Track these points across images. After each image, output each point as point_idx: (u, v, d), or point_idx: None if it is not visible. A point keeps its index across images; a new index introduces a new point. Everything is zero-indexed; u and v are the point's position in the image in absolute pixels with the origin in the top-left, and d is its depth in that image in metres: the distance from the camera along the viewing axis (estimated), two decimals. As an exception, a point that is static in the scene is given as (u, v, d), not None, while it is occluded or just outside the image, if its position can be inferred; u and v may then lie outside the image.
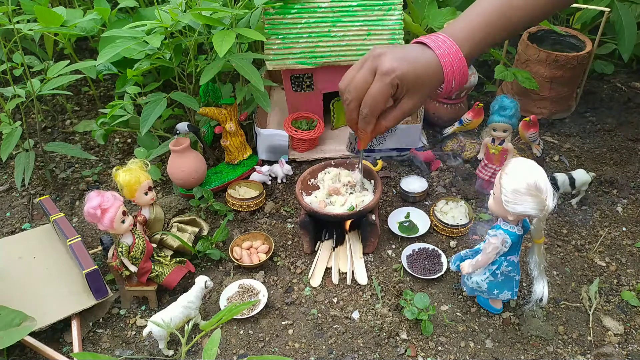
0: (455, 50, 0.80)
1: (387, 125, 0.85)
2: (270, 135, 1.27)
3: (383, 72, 0.78)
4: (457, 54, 0.80)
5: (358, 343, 0.91)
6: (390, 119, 0.84)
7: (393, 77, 0.77)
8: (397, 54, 0.79)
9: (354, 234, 1.11)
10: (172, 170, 1.17)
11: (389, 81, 0.78)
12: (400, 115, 0.83)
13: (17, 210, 1.24)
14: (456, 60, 0.79)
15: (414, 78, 0.78)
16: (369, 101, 0.80)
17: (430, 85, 0.81)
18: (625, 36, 1.46)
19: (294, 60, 1.21)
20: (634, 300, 0.97)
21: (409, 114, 0.84)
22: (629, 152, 1.35)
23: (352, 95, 0.81)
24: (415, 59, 0.79)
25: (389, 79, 0.77)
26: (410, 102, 0.81)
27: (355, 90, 0.81)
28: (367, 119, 0.82)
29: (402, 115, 0.83)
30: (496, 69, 1.37)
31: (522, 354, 0.89)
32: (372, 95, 0.79)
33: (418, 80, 0.79)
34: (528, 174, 0.76)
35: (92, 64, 1.27)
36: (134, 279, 0.98)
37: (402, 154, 1.33)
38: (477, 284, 0.90)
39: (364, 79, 0.80)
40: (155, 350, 0.92)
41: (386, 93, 0.79)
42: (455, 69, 0.80)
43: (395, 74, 0.77)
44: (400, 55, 0.79)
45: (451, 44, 0.80)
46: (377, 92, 0.79)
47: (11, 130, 1.18)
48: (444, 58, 0.79)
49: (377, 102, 0.80)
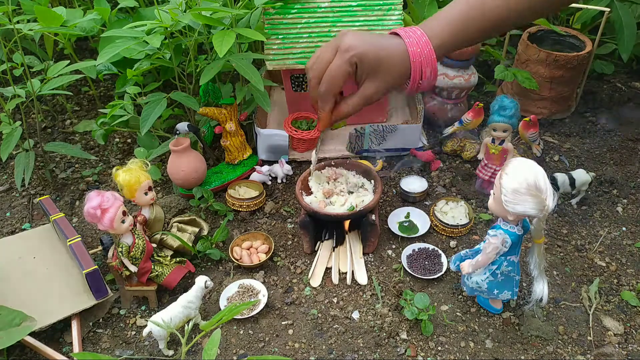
0: (425, 41, 0.79)
1: (347, 110, 0.84)
2: (270, 135, 1.27)
3: (343, 49, 0.78)
4: (427, 45, 0.78)
5: (358, 343, 0.91)
6: (350, 103, 0.83)
7: (352, 54, 0.77)
8: (361, 35, 0.79)
9: (354, 234, 1.11)
10: (172, 170, 1.17)
11: (347, 58, 0.77)
12: (362, 101, 0.82)
13: (17, 210, 1.24)
14: (425, 52, 0.78)
15: (374, 60, 0.78)
16: (326, 78, 0.80)
17: (394, 72, 0.80)
18: (625, 36, 1.46)
19: (294, 60, 1.21)
20: (634, 300, 0.97)
21: (371, 100, 0.82)
22: (629, 152, 1.35)
23: (313, 73, 0.81)
24: (379, 41, 0.79)
25: (347, 56, 0.77)
26: (372, 86, 0.80)
27: (316, 68, 0.81)
28: (324, 97, 0.81)
29: (364, 100, 0.82)
30: (496, 69, 1.37)
31: (522, 354, 0.89)
32: (329, 72, 0.79)
33: (380, 63, 0.78)
34: (528, 174, 0.76)
35: (92, 64, 1.27)
36: (134, 279, 0.98)
37: (402, 154, 1.33)
38: (477, 284, 0.90)
39: (325, 57, 0.80)
40: (155, 350, 0.92)
41: (343, 70, 0.78)
42: (424, 60, 0.78)
43: (355, 51, 0.77)
44: (363, 37, 0.79)
45: (421, 35, 0.79)
46: (334, 68, 0.78)
47: (11, 130, 1.17)
48: (412, 47, 0.78)
49: (333, 79, 0.79)
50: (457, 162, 1.32)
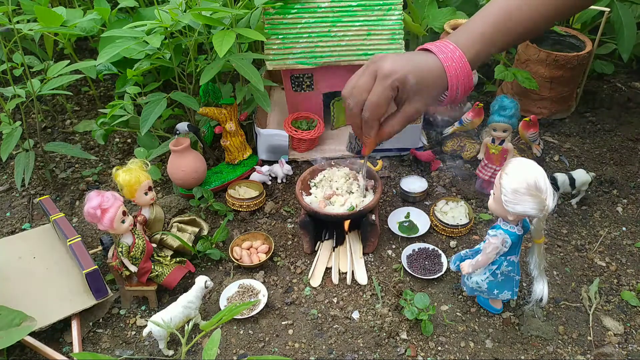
0: (459, 55, 0.79)
1: (390, 130, 0.84)
2: (270, 135, 1.27)
3: (383, 75, 0.77)
4: (461, 59, 0.79)
5: (358, 343, 0.91)
6: (393, 124, 0.83)
7: (393, 79, 0.77)
8: (398, 58, 0.79)
9: (354, 234, 1.11)
10: (172, 170, 1.17)
11: (389, 84, 0.77)
12: (404, 121, 0.83)
13: (17, 210, 1.24)
14: (460, 65, 0.79)
15: (415, 81, 0.78)
16: (370, 105, 0.79)
17: (433, 90, 0.80)
18: (625, 36, 1.46)
19: (294, 60, 1.21)
20: (634, 300, 0.97)
21: (413, 119, 0.83)
22: (629, 152, 1.35)
23: (354, 101, 0.81)
24: (417, 62, 0.79)
25: (389, 82, 0.77)
26: (412, 106, 0.81)
27: (357, 95, 0.80)
28: (369, 124, 0.81)
29: (406, 120, 0.83)
30: (496, 69, 1.37)
31: (522, 354, 0.89)
32: (372, 98, 0.79)
33: (420, 84, 0.79)
34: (528, 174, 0.76)
35: (92, 64, 1.27)
36: (134, 279, 0.98)
37: (402, 154, 1.33)
38: (477, 284, 0.90)
39: (365, 84, 0.79)
40: (155, 350, 0.92)
41: (386, 96, 0.78)
42: (460, 74, 0.79)
43: (396, 76, 0.77)
44: (401, 59, 0.79)
45: (454, 49, 0.80)
46: (378, 95, 0.78)
47: (11, 130, 1.18)
48: (447, 62, 0.79)
49: (377, 106, 0.79)
50: (457, 162, 1.32)
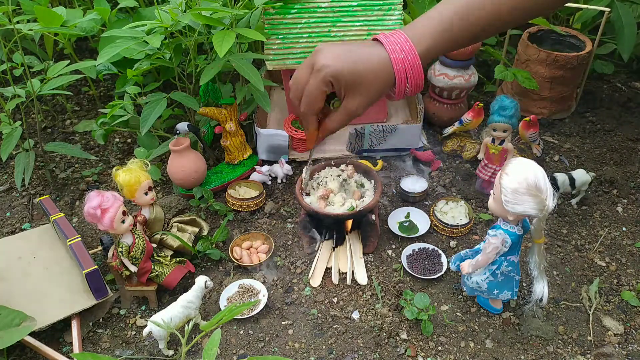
0: (409, 46, 0.75)
1: (332, 126, 0.81)
2: (270, 135, 1.27)
3: (317, 68, 0.75)
4: (411, 50, 0.75)
5: (358, 343, 0.91)
6: (334, 119, 0.80)
7: (325, 73, 0.74)
8: (335, 51, 0.76)
9: (354, 234, 1.11)
10: (172, 170, 1.17)
11: (320, 77, 0.74)
12: (346, 117, 0.79)
13: (17, 210, 1.24)
14: (409, 57, 0.75)
15: (351, 75, 0.75)
16: (304, 99, 0.77)
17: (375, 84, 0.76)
18: (625, 36, 1.46)
19: (294, 60, 1.21)
20: (634, 300, 0.97)
21: (355, 114, 0.79)
22: (629, 152, 1.35)
23: (292, 93, 0.79)
24: (356, 55, 0.76)
25: (321, 76, 0.74)
26: (354, 102, 0.77)
27: (294, 88, 0.78)
28: (305, 117, 0.79)
29: (347, 115, 0.79)
30: (496, 69, 1.37)
31: (522, 354, 0.89)
32: (306, 92, 0.77)
33: (358, 78, 0.75)
34: (528, 174, 0.76)
35: (92, 64, 1.27)
36: (134, 279, 0.98)
37: (402, 154, 1.33)
38: (477, 284, 0.90)
39: (302, 76, 0.77)
40: (155, 350, 0.92)
41: (319, 90, 0.76)
42: (407, 66, 0.75)
43: (327, 70, 0.74)
44: (338, 52, 0.75)
45: (405, 40, 0.75)
46: (310, 89, 0.76)
47: (11, 130, 1.17)
48: (395, 54, 0.75)
49: (311, 100, 0.77)
50: (457, 162, 1.32)
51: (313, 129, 0.81)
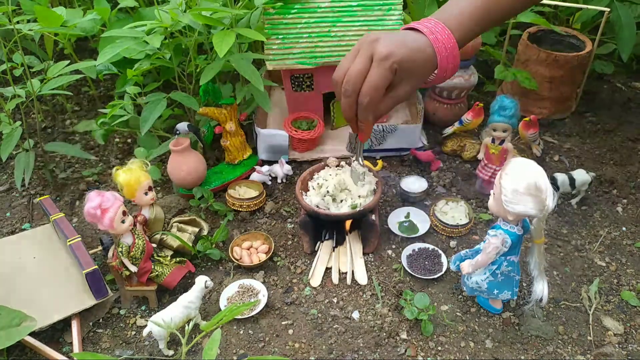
0: (448, 35, 0.77)
1: (381, 112, 0.81)
2: (270, 135, 1.27)
3: (381, 57, 0.74)
4: (450, 39, 0.77)
5: (358, 343, 0.91)
6: (385, 105, 0.80)
7: (392, 61, 0.74)
8: (393, 39, 0.76)
9: (354, 234, 1.11)
10: (172, 170, 1.17)
11: (388, 66, 0.74)
12: (394, 103, 0.80)
13: (17, 210, 1.24)
14: (449, 46, 0.77)
15: (410, 63, 0.76)
16: (369, 90, 0.76)
17: (424, 71, 0.78)
18: (624, 36, 1.46)
19: (294, 60, 1.21)
20: (634, 300, 0.97)
21: (402, 100, 0.81)
22: (629, 152, 1.35)
23: (350, 86, 0.77)
24: (411, 44, 0.77)
25: (388, 64, 0.74)
26: (406, 87, 0.79)
27: (353, 81, 0.76)
28: (368, 108, 0.78)
29: (395, 102, 0.80)
30: (496, 69, 1.37)
31: (522, 354, 0.89)
32: (371, 82, 0.75)
33: (414, 65, 0.76)
34: (528, 174, 0.76)
35: (92, 64, 1.27)
36: (134, 279, 0.98)
37: (402, 154, 1.33)
38: (477, 284, 0.90)
39: (361, 67, 0.76)
40: (155, 350, 0.92)
41: (386, 79, 0.75)
42: (449, 55, 0.77)
43: (394, 58, 0.74)
44: (397, 40, 0.76)
45: (443, 29, 0.77)
46: (377, 78, 0.75)
47: (11, 130, 1.17)
48: (438, 44, 0.77)
49: (378, 90, 0.76)
50: (457, 162, 1.32)
51: (373, 118, 0.81)
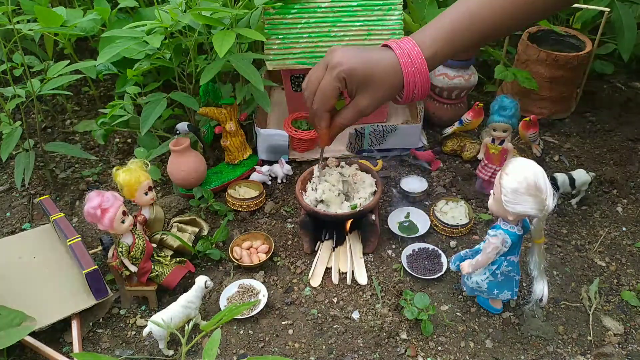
0: (417, 51, 0.79)
1: (342, 122, 0.84)
2: (270, 135, 1.27)
3: (331, 66, 0.79)
4: (419, 56, 0.79)
5: (358, 343, 0.91)
6: (344, 116, 0.84)
7: (339, 70, 0.78)
8: (349, 50, 0.80)
9: (354, 234, 1.11)
10: (172, 170, 1.17)
11: (335, 74, 0.78)
12: (355, 114, 0.83)
13: (17, 210, 1.24)
14: (417, 62, 0.79)
15: (363, 74, 0.78)
16: (318, 96, 0.81)
17: (385, 86, 0.80)
18: (625, 36, 1.46)
19: (294, 60, 1.21)
20: (634, 300, 0.97)
21: (365, 112, 0.83)
22: (629, 152, 1.35)
23: (307, 92, 0.83)
24: (368, 55, 0.80)
25: (335, 72, 0.78)
26: (364, 100, 0.81)
27: (309, 87, 0.82)
28: (318, 114, 0.82)
29: (357, 113, 0.83)
30: (496, 69, 1.37)
31: (522, 354, 0.89)
32: (320, 89, 0.80)
33: (369, 77, 0.79)
34: (528, 174, 0.76)
35: (92, 64, 1.27)
36: (134, 279, 0.98)
37: (402, 154, 1.33)
38: (477, 284, 0.90)
39: (316, 75, 0.81)
40: (155, 350, 0.92)
41: (333, 87, 0.79)
42: (416, 71, 0.79)
43: (342, 67, 0.78)
44: (352, 52, 0.80)
45: (413, 46, 0.79)
46: (324, 86, 0.80)
47: (11, 130, 1.17)
48: (404, 58, 0.78)
49: (324, 96, 0.80)
50: (457, 162, 1.32)
51: (325, 125, 0.85)
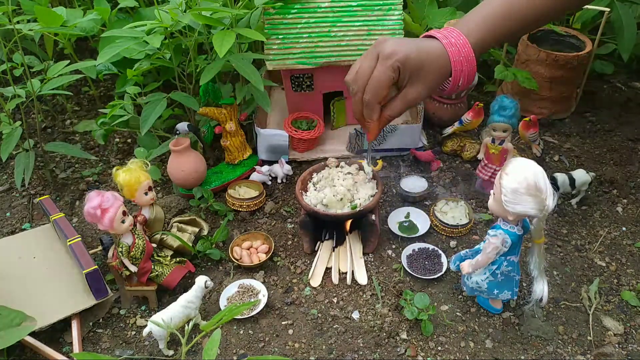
0: (463, 40, 0.78)
1: (390, 114, 0.83)
2: (270, 135, 1.27)
3: (384, 56, 0.77)
4: (465, 45, 0.78)
5: (358, 343, 0.91)
6: (393, 107, 0.82)
7: (394, 60, 0.76)
8: (400, 40, 0.79)
9: (354, 234, 1.11)
10: (172, 170, 1.17)
11: (390, 64, 0.77)
12: (404, 105, 0.82)
13: (17, 210, 1.24)
14: (464, 51, 0.78)
15: (416, 63, 0.77)
16: (371, 87, 0.79)
17: (435, 74, 0.79)
18: (625, 36, 1.46)
19: (294, 60, 1.21)
20: (634, 300, 0.97)
21: (413, 103, 0.82)
22: (629, 152, 1.35)
23: (357, 85, 0.80)
24: (419, 45, 0.79)
25: (390, 62, 0.77)
26: (414, 90, 0.80)
27: (359, 79, 0.80)
28: (370, 106, 0.80)
29: (406, 104, 0.82)
30: (496, 69, 1.37)
31: (522, 354, 0.89)
32: (373, 80, 0.78)
33: (422, 67, 0.78)
34: (528, 174, 0.76)
35: (92, 64, 1.27)
36: (134, 279, 0.98)
37: (402, 154, 1.33)
38: (477, 284, 0.90)
39: (367, 67, 0.79)
40: (155, 350, 0.92)
41: (388, 77, 0.78)
42: (463, 59, 0.78)
43: (397, 57, 0.76)
44: (403, 41, 0.79)
45: (458, 35, 0.79)
46: (379, 76, 0.78)
47: (11, 130, 1.17)
48: (451, 47, 0.78)
49: (379, 87, 0.78)
50: (457, 162, 1.32)
51: (377, 118, 0.83)
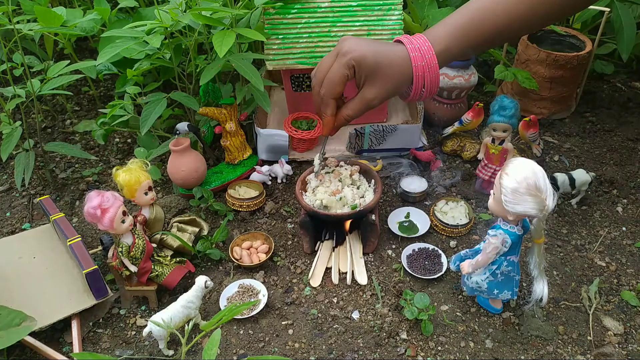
0: (428, 46, 0.79)
1: (347, 113, 0.85)
2: (270, 135, 1.27)
3: (342, 53, 0.80)
4: (429, 51, 0.79)
5: (358, 343, 0.91)
6: (350, 107, 0.84)
7: (349, 57, 0.78)
8: (360, 40, 0.81)
9: (354, 234, 1.11)
10: (172, 170, 1.17)
11: (345, 62, 0.79)
12: (362, 105, 0.83)
13: (17, 210, 1.24)
14: (427, 57, 0.78)
15: (373, 63, 0.79)
16: (326, 81, 0.81)
17: (394, 77, 0.80)
18: (624, 36, 1.46)
19: (294, 60, 1.21)
20: (634, 300, 0.97)
21: (371, 104, 0.83)
22: (629, 152, 1.35)
23: (316, 79, 0.83)
24: (379, 46, 0.80)
25: (345, 60, 0.79)
26: (371, 91, 0.81)
27: (318, 74, 0.83)
28: (324, 101, 0.83)
29: (363, 105, 0.83)
30: (496, 69, 1.37)
31: (522, 354, 0.89)
32: (329, 75, 0.81)
33: (378, 67, 0.79)
34: (528, 174, 0.76)
35: (92, 64, 1.27)
36: (134, 279, 0.98)
37: (402, 154, 1.33)
38: (477, 284, 0.90)
39: (327, 63, 0.82)
40: (155, 350, 0.92)
41: (342, 74, 0.80)
42: (425, 66, 0.79)
43: (352, 55, 0.78)
44: (363, 41, 0.80)
45: (424, 41, 0.79)
46: (333, 71, 0.80)
47: (11, 130, 1.18)
48: (414, 52, 0.79)
49: (332, 82, 0.81)
50: (457, 162, 1.32)
51: (331, 113, 0.85)
